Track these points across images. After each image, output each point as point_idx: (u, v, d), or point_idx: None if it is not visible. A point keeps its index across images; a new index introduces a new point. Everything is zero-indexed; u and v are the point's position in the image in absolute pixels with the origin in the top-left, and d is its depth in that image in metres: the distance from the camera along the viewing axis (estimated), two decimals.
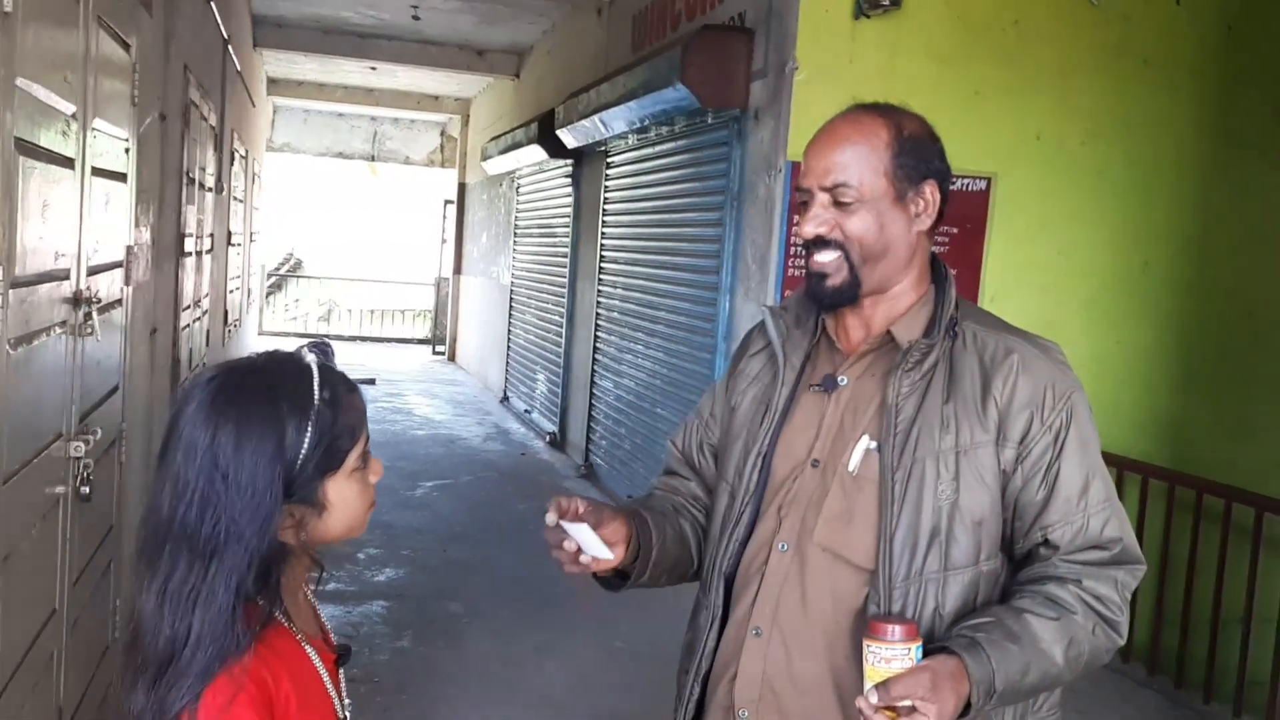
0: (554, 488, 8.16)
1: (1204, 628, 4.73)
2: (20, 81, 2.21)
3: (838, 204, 1.62)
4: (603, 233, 8.33)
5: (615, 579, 1.77)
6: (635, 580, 1.77)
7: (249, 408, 1.29)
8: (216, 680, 1.22)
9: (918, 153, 1.63)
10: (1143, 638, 4.93)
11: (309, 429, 1.30)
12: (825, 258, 1.64)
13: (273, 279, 20.45)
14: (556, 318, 9.78)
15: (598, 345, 8.41)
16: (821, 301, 1.69)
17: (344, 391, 1.36)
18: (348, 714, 1.43)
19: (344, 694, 1.43)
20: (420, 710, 4.00)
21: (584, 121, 7.63)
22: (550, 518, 1.62)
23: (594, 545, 1.61)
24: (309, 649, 1.37)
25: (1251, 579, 4.51)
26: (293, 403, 1.31)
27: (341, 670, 1.43)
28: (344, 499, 1.35)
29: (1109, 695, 4.64)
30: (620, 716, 4.16)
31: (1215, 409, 5.65)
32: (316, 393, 1.32)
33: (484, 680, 4.41)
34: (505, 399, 11.83)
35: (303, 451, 1.30)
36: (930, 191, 1.65)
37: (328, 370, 1.36)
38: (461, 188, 15.71)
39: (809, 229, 1.64)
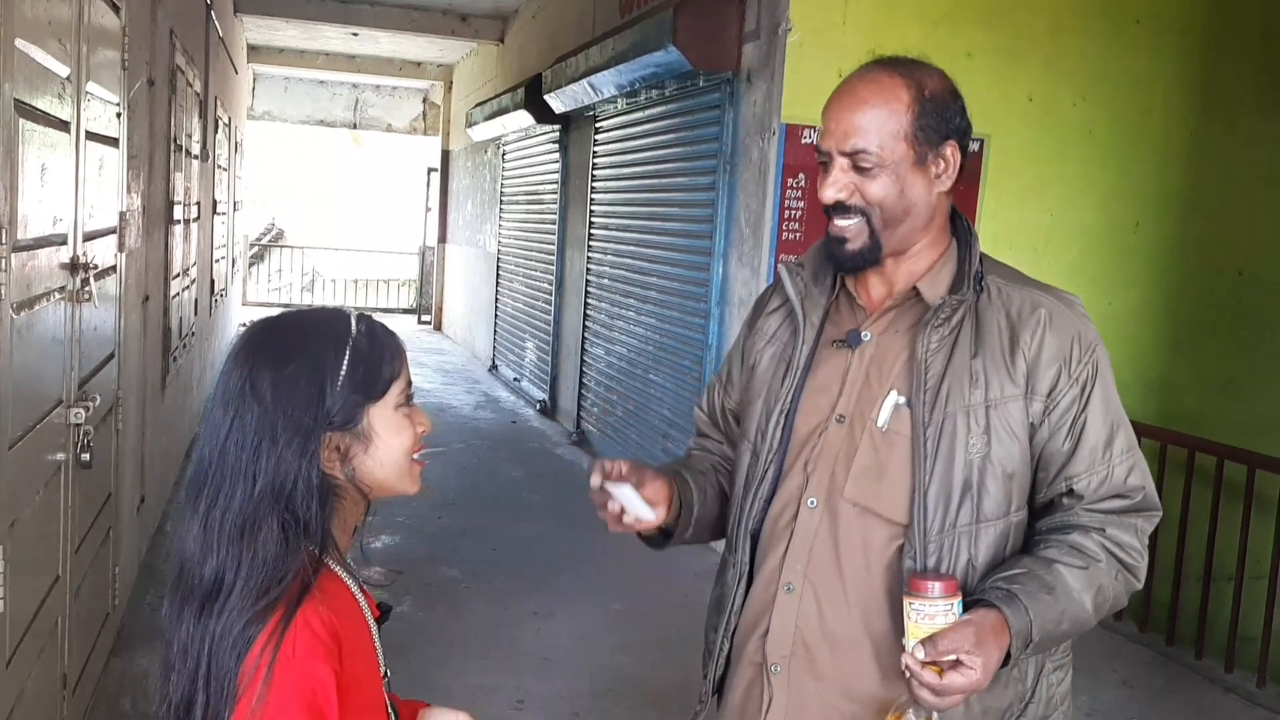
0: (546, 454, 8.17)
1: (1195, 584, 4.79)
2: (19, 43, 2.18)
3: (857, 168, 1.61)
4: (592, 199, 8.28)
5: (659, 537, 1.81)
6: (679, 537, 1.82)
7: (285, 340, 1.32)
8: (295, 630, 1.21)
9: (939, 113, 1.62)
10: (1135, 594, 4.97)
11: (346, 352, 1.32)
12: (845, 223, 1.64)
13: (255, 249, 20.29)
14: (545, 285, 9.74)
15: (588, 312, 8.39)
16: (842, 265, 1.69)
17: (382, 330, 1.38)
18: (389, 672, 1.42)
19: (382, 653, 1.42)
20: (423, 673, 4.02)
21: (572, 86, 7.57)
22: (595, 480, 1.67)
23: (638, 506, 1.66)
24: (361, 600, 1.36)
25: (1243, 536, 4.56)
26: (330, 332, 1.33)
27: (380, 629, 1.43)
28: (389, 430, 1.34)
29: (1101, 651, 4.69)
30: (621, 676, 4.19)
31: (1203, 368, 5.69)
32: (353, 325, 1.35)
33: (484, 643, 4.43)
34: (494, 367, 11.81)
35: (342, 371, 1.30)
36: (951, 152, 1.64)
37: (364, 315, 1.39)
38: (445, 155, 15.59)
39: (829, 194, 1.63)
